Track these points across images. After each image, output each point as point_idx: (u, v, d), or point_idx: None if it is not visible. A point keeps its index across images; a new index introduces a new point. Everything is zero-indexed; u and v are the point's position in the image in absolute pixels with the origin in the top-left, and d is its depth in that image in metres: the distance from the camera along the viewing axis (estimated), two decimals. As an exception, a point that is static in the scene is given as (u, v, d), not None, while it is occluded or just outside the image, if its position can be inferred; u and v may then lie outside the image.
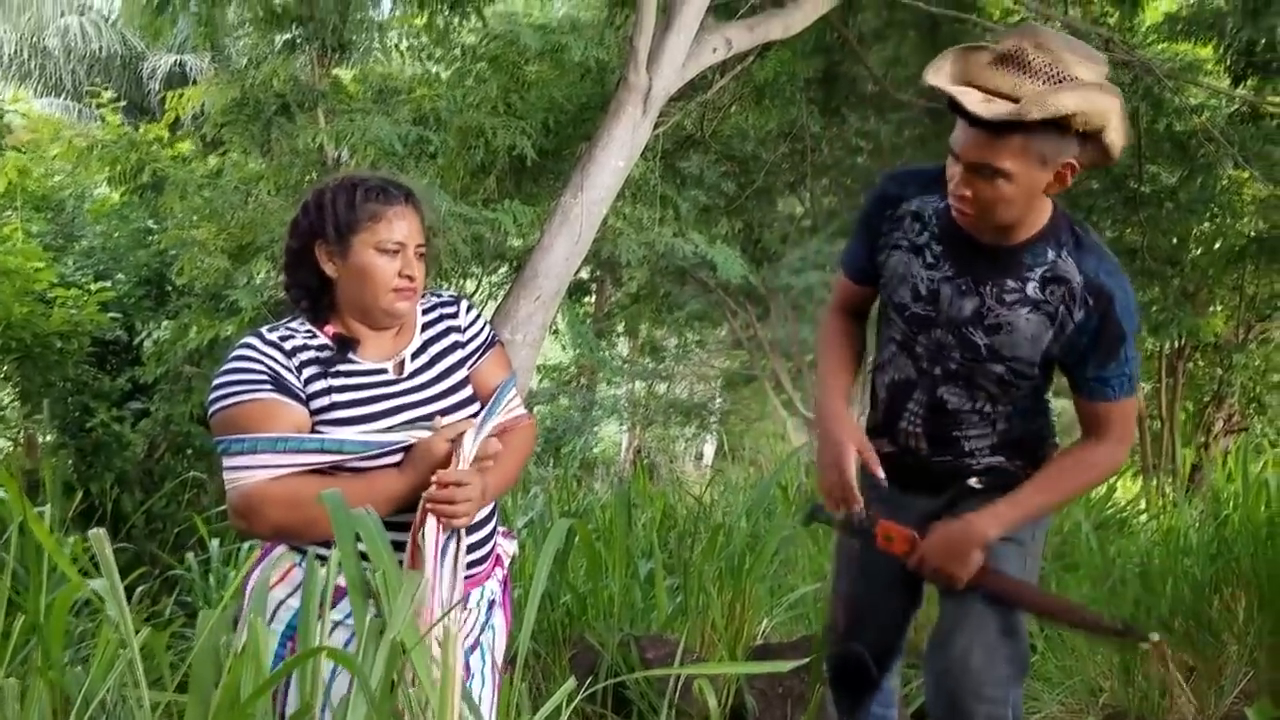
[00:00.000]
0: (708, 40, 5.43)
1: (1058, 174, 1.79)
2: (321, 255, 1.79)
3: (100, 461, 6.65)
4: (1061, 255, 1.89)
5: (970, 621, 2.00)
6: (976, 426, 2.04)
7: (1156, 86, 7.29)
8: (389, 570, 1.47)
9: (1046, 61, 1.75)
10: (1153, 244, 8.66)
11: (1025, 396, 2.03)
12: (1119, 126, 1.79)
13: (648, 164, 7.13)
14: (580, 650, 3.02)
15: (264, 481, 1.66)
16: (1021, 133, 1.73)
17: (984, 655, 1.98)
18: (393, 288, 1.78)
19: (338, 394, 1.75)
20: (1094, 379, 1.92)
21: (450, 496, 1.68)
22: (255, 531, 1.72)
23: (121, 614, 1.43)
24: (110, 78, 16.33)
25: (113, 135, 7.05)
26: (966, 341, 1.95)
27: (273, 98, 6.60)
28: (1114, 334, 1.88)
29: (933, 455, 2.07)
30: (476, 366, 1.91)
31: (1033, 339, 1.91)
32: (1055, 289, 1.88)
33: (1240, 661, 3.01)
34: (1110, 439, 1.96)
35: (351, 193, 1.79)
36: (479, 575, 1.85)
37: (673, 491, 5.45)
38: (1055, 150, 1.76)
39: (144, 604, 3.51)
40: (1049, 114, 1.70)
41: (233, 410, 1.69)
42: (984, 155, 1.77)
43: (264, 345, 1.75)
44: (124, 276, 7.34)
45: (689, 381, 16.09)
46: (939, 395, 2.03)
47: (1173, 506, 4.63)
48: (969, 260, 1.94)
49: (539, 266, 5.08)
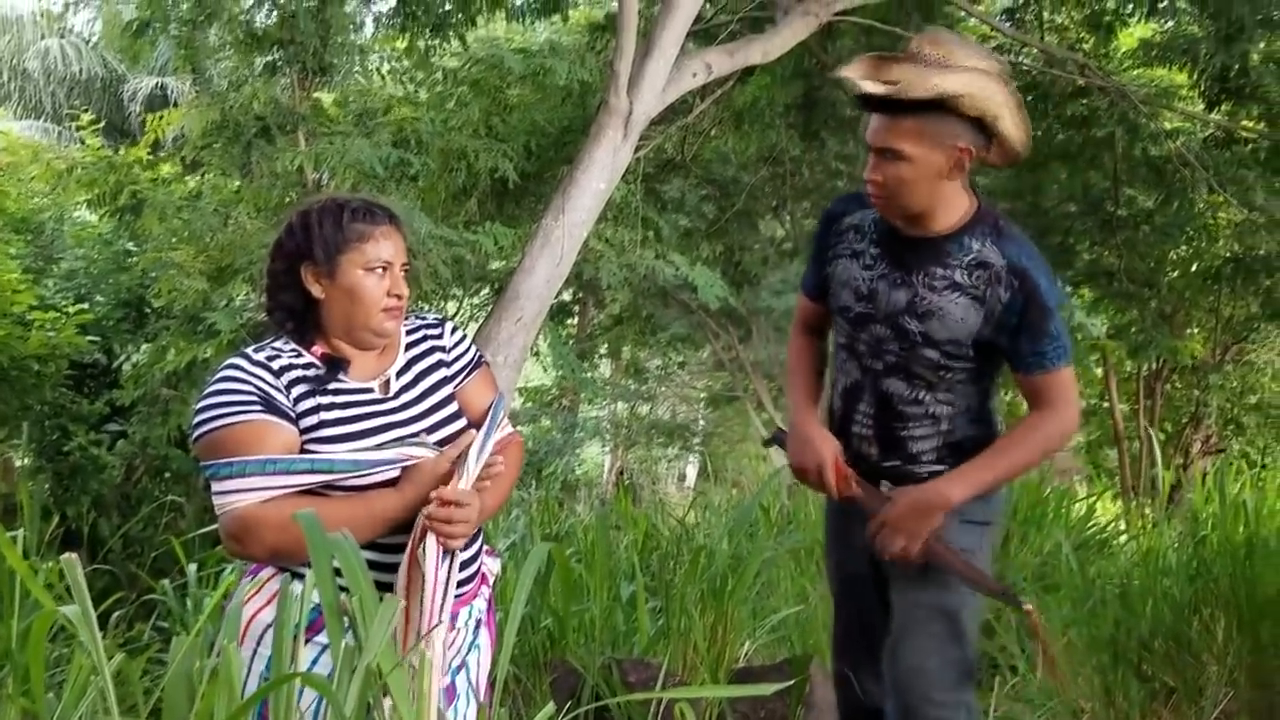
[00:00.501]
0: (688, 65, 5.47)
1: (955, 159, 1.96)
2: (308, 277, 1.78)
3: (78, 485, 6.59)
4: (985, 244, 2.03)
5: (918, 628, 2.08)
6: (921, 424, 2.12)
7: (1132, 112, 7.38)
8: (365, 594, 1.46)
9: (937, 54, 1.94)
10: (1130, 266, 8.74)
11: (966, 393, 2.11)
12: (1013, 118, 1.95)
13: (629, 187, 7.16)
14: (561, 674, 3.00)
15: (256, 504, 1.65)
16: (914, 116, 1.92)
17: (932, 661, 2.05)
18: (383, 307, 1.79)
19: (325, 412, 1.74)
20: (1031, 354, 2.03)
21: (449, 515, 1.67)
22: (250, 554, 1.71)
23: (93, 640, 1.41)
24: (91, 100, 16.29)
25: (92, 157, 7.03)
26: (902, 331, 2.07)
27: (253, 120, 6.60)
28: (1040, 309, 2.00)
29: (882, 461, 2.16)
30: (463, 387, 1.91)
31: (962, 321, 2.02)
32: (980, 274, 2.01)
33: (1220, 682, 3.02)
34: (1058, 407, 2.06)
35: (338, 213, 1.79)
36: (466, 594, 1.85)
37: (655, 513, 5.43)
38: (947, 133, 1.93)
39: (120, 629, 3.47)
40: (930, 92, 1.88)
41: (221, 433, 1.68)
42: (885, 139, 1.96)
43: (251, 365, 1.74)
44: (103, 299, 7.31)
45: (671, 403, 16.09)
46: (883, 389, 2.13)
47: (1152, 527, 4.64)
48: (900, 255, 2.08)
49: (520, 288, 5.08)
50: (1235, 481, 4.01)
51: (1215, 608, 3.11)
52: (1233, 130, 7.53)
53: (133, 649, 3.19)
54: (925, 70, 1.91)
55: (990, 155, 2.00)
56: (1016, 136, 1.97)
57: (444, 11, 7.17)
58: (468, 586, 1.85)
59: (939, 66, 1.91)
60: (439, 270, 6.02)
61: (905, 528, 2.03)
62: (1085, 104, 8.02)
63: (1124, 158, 8.07)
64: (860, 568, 2.25)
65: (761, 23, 6.62)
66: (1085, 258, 9.31)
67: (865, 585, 2.26)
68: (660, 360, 14.87)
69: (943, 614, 2.07)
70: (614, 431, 14.67)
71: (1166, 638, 3.14)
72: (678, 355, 14.78)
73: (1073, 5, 7.87)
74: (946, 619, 2.07)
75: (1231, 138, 7.58)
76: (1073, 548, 4.03)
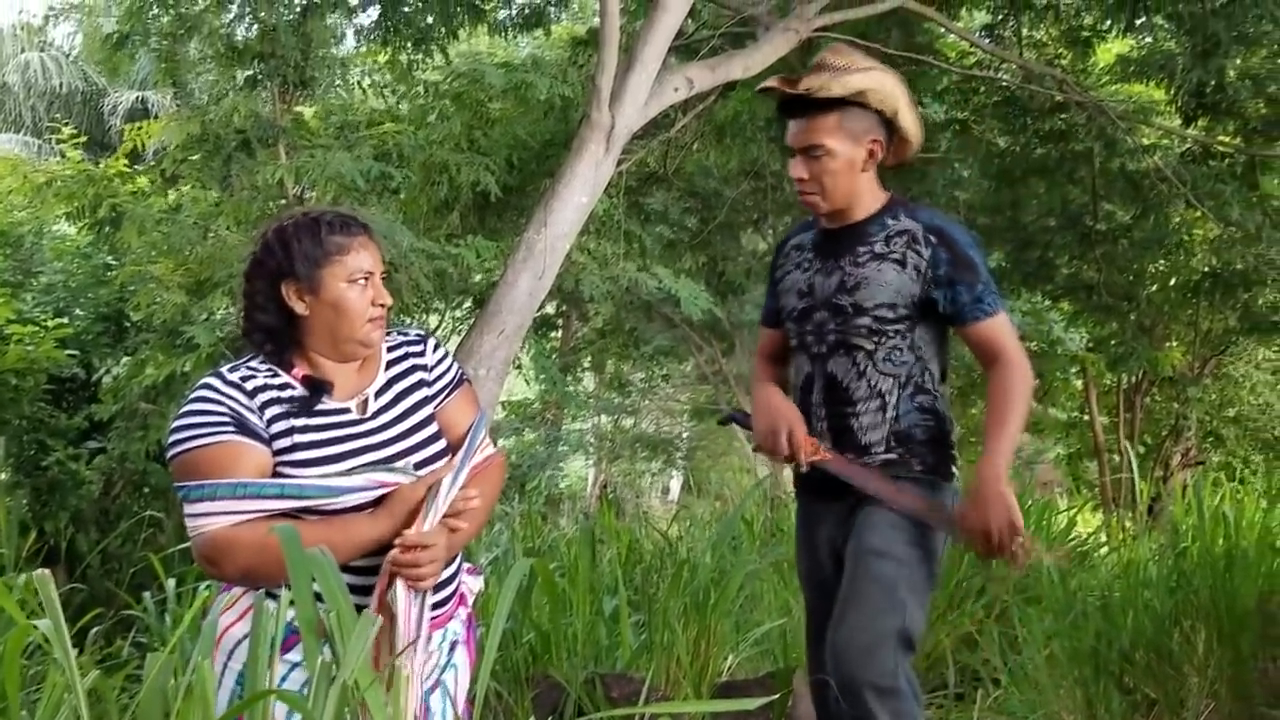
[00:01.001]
0: (669, 79, 5.48)
1: (869, 150, 2.21)
2: (290, 294, 1.76)
3: (56, 500, 6.54)
4: (901, 218, 2.25)
5: (858, 600, 2.14)
6: (868, 407, 2.23)
7: (1110, 127, 7.44)
8: (343, 611, 1.45)
9: (842, 61, 2.20)
10: (1109, 280, 8.79)
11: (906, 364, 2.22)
12: (908, 112, 2.22)
13: (611, 200, 7.17)
14: (544, 689, 2.98)
15: (229, 527, 1.64)
16: (834, 113, 2.17)
17: (871, 632, 2.11)
18: (368, 318, 1.78)
19: (300, 434, 1.72)
20: (969, 302, 2.18)
21: (415, 560, 1.65)
22: (224, 576, 1.70)
23: (66, 656, 1.39)
24: (71, 114, 16.20)
25: (71, 170, 6.99)
26: (836, 309, 2.25)
27: (233, 133, 6.58)
28: (965, 258, 2.19)
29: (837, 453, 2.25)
30: (443, 406, 1.89)
31: (888, 285, 2.19)
32: (898, 240, 2.22)
33: (1201, 694, 3.03)
34: (1009, 356, 2.19)
35: (314, 228, 1.77)
36: (441, 616, 1.83)
37: (639, 527, 5.42)
38: (863, 128, 2.19)
39: (98, 645, 3.43)
40: (845, 90, 2.14)
41: (194, 454, 1.67)
42: (809, 138, 2.20)
43: (225, 386, 1.73)
44: (82, 313, 7.26)
45: (655, 416, 16.08)
46: (829, 371, 2.26)
47: (1132, 539, 4.66)
48: (830, 249, 2.29)
49: (502, 302, 5.07)
50: (1215, 494, 4.03)
51: (1196, 619, 3.12)
52: (1209, 145, 7.60)
53: (111, 666, 3.16)
54: (836, 74, 2.16)
55: (889, 154, 2.25)
56: (913, 130, 2.24)
57: (425, 25, 7.18)
58: (443, 609, 1.83)
59: (846, 71, 2.16)
60: (421, 283, 6.00)
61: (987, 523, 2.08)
62: (1064, 119, 8.08)
63: (1102, 172, 8.13)
64: (829, 573, 2.29)
65: (742, 38, 6.65)
66: (1064, 271, 9.37)
67: (831, 576, 2.30)
68: (644, 374, 14.86)
69: (881, 586, 2.14)
70: (597, 445, 14.65)
71: (1148, 649, 3.15)
72: (661, 369, 14.78)
73: (1051, 21, 7.94)
74: (884, 590, 2.13)
75: (1208, 153, 7.64)
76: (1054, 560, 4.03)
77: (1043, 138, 8.32)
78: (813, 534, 2.35)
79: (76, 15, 16.96)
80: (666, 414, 16.24)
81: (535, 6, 8.03)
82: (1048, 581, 3.73)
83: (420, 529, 1.68)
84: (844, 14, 6.34)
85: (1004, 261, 9.51)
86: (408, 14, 7.15)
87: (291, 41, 6.51)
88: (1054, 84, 7.34)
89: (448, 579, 1.83)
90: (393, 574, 1.66)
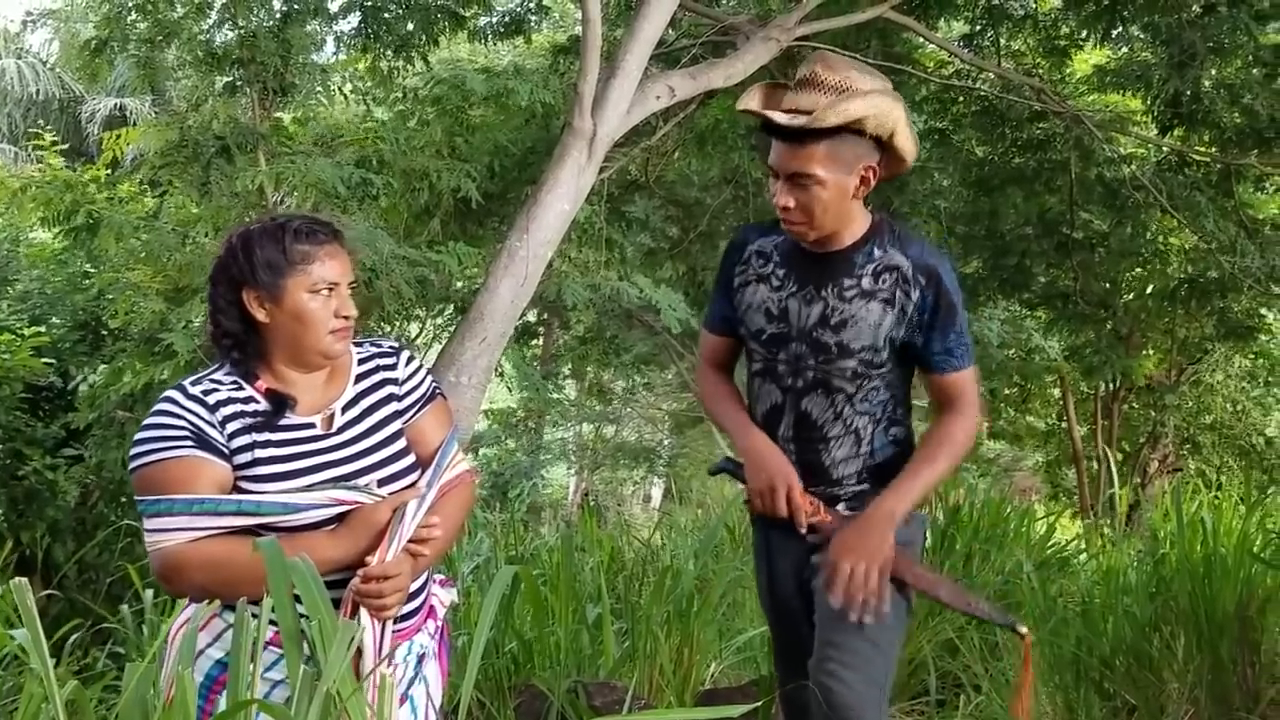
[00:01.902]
0: (651, 88, 5.50)
1: (862, 177, 2.04)
2: (251, 301, 1.72)
3: (32, 510, 6.47)
4: (887, 250, 2.10)
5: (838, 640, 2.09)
6: (843, 444, 2.14)
7: (1087, 136, 7.50)
8: (325, 620, 1.43)
9: (836, 79, 2.02)
10: (1085, 288, 8.86)
11: (883, 403, 2.15)
12: (906, 132, 2.05)
13: (593, 208, 7.17)
14: (527, 698, 2.97)
15: (183, 544, 1.61)
16: (826, 141, 1.99)
17: (851, 675, 2.07)
18: (331, 329, 1.74)
19: (261, 449, 1.69)
20: (941, 352, 2.10)
21: (378, 590, 1.63)
22: (180, 592, 1.68)
23: (44, 666, 1.37)
24: (48, 122, 16.01)
25: (48, 176, 6.93)
26: (818, 345, 2.11)
27: (212, 139, 6.54)
28: (949, 306, 2.07)
29: (806, 487, 2.16)
30: (414, 422, 1.84)
31: (876, 326, 2.08)
32: (887, 277, 2.08)
33: (1181, 699, 3.04)
34: (964, 409, 2.12)
35: (279, 235, 1.73)
36: (408, 629, 1.79)
37: (620, 535, 5.41)
38: (856, 155, 2.02)
39: (75, 656, 3.40)
40: (843, 119, 1.96)
41: (152, 468, 1.65)
42: (799, 165, 2.01)
43: (186, 399, 1.70)
44: (59, 321, 7.20)
45: (636, 424, 16.08)
46: (803, 408, 2.15)
47: (1111, 546, 4.68)
48: (808, 273, 2.13)
49: (484, 309, 5.06)
50: (1193, 500, 4.06)
51: (1175, 625, 3.14)
52: (1185, 155, 7.68)
53: (88, 677, 3.12)
54: (831, 97, 1.99)
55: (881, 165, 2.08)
56: (908, 149, 2.07)
57: (406, 32, 7.17)
58: (409, 621, 1.79)
59: (840, 91, 2.00)
60: (402, 290, 5.98)
61: (862, 549, 2.02)
62: (1041, 128, 8.15)
63: (1079, 181, 8.19)
64: (789, 589, 2.26)
65: (723, 47, 6.67)
66: (1041, 280, 9.44)
67: (796, 605, 2.26)
68: (625, 382, 14.85)
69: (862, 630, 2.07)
70: (579, 453, 14.63)
71: (1128, 655, 3.16)
72: (642, 377, 14.78)
73: (1029, 31, 8.00)
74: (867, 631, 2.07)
75: (1184, 162, 7.73)
76: (1034, 566, 4.05)
77: (1021, 147, 8.39)
78: (774, 566, 2.28)
79: (53, 22, 16.84)
80: (648, 422, 16.24)
81: (516, 14, 8.05)
82: (1028, 588, 3.74)
83: (384, 557, 1.65)
84: (824, 23, 6.38)
85: (982, 270, 9.57)
86: (388, 21, 7.15)
87: (271, 47, 6.49)
88: (1032, 93, 7.41)
89: (415, 591, 1.79)
90: (355, 603, 1.64)
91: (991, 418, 13.05)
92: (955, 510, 4.33)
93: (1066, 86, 8.27)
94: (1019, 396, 12.60)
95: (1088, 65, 8.54)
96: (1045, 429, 13.31)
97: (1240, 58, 6.94)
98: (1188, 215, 7.58)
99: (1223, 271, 8.26)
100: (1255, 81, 6.81)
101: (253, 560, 1.53)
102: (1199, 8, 6.53)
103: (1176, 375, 11.37)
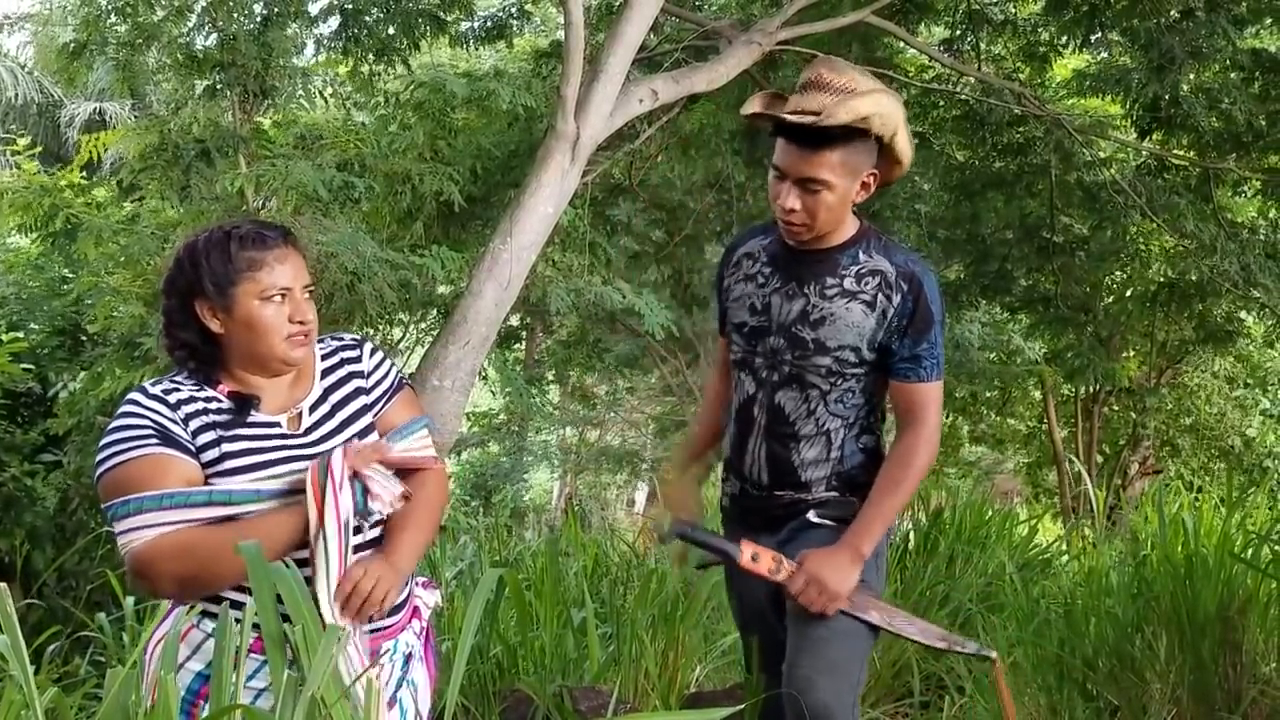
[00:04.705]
0: (634, 91, 5.50)
1: (864, 183, 2.08)
2: (204, 312, 1.70)
3: (11, 517, 6.42)
4: (872, 255, 2.13)
5: (811, 646, 2.11)
6: (814, 445, 2.16)
7: (1067, 140, 7.55)
8: (309, 625, 1.42)
9: (841, 80, 2.04)
10: (1066, 291, 8.91)
11: (856, 406, 2.16)
12: (904, 134, 2.08)
13: (577, 211, 7.16)
14: (512, 702, 2.96)
15: (153, 539, 1.59)
16: (839, 147, 2.01)
17: (825, 679, 2.08)
18: (286, 335, 1.71)
19: (229, 444, 1.67)
20: (908, 359, 2.11)
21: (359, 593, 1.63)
22: (158, 590, 1.65)
23: (24, 673, 1.36)
24: (26, 126, 15.96)
25: (24, 181, 6.88)
26: (796, 339, 2.14)
27: (192, 143, 6.51)
28: (926, 315, 2.09)
29: (774, 489, 2.20)
30: (383, 413, 1.83)
31: (854, 326, 2.10)
32: (870, 280, 2.11)
33: (1163, 700, 3.05)
34: (925, 425, 2.13)
35: (225, 243, 1.70)
36: (392, 628, 1.79)
37: (605, 539, 5.40)
38: (863, 160, 2.06)
39: (55, 664, 3.37)
40: (852, 116, 1.97)
41: (118, 470, 1.63)
42: (812, 170, 2.03)
43: (147, 400, 1.68)
44: (38, 326, 7.15)
45: (620, 428, 16.07)
46: (776, 402, 2.17)
47: (1093, 547, 4.70)
48: (793, 270, 2.17)
49: (468, 313, 5.05)
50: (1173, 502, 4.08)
51: (1158, 626, 3.15)
52: (1165, 158, 7.74)
53: (69, 684, 3.09)
54: (838, 96, 2.00)
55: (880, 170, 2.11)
56: (906, 152, 2.11)
57: (387, 36, 7.15)
58: (395, 618, 1.78)
59: (846, 92, 2.01)
60: (385, 294, 5.96)
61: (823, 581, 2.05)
62: (1022, 132, 8.19)
63: (1060, 185, 8.24)
64: (759, 595, 2.27)
65: (705, 52, 6.69)
66: (1022, 283, 9.49)
67: (766, 611, 2.29)
68: (608, 386, 14.85)
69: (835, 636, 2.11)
70: (563, 457, 14.61)
71: (1110, 656, 3.18)
72: (626, 381, 14.78)
73: (1009, 36, 8.05)
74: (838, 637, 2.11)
75: (1164, 166, 7.78)
76: (1016, 568, 4.07)
77: (1001, 151, 8.43)
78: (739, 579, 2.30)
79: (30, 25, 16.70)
80: (631, 426, 16.23)
81: (498, 19, 8.03)
82: (1010, 590, 3.76)
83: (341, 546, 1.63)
84: (806, 28, 6.40)
85: (963, 274, 9.61)
86: (369, 25, 7.12)
87: (252, 51, 6.46)
88: (1012, 98, 7.45)
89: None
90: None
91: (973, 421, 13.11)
92: (938, 513, 4.35)
93: (1047, 91, 8.32)
94: (1000, 400, 12.67)
95: (1067, 70, 8.59)
96: (1026, 431, 13.38)
97: (1218, 62, 6.99)
98: (1167, 219, 7.63)
99: (1201, 275, 8.33)
100: (1233, 86, 6.86)
101: (224, 542, 1.53)
102: (1177, 13, 6.58)
103: (1157, 378, 11.44)
